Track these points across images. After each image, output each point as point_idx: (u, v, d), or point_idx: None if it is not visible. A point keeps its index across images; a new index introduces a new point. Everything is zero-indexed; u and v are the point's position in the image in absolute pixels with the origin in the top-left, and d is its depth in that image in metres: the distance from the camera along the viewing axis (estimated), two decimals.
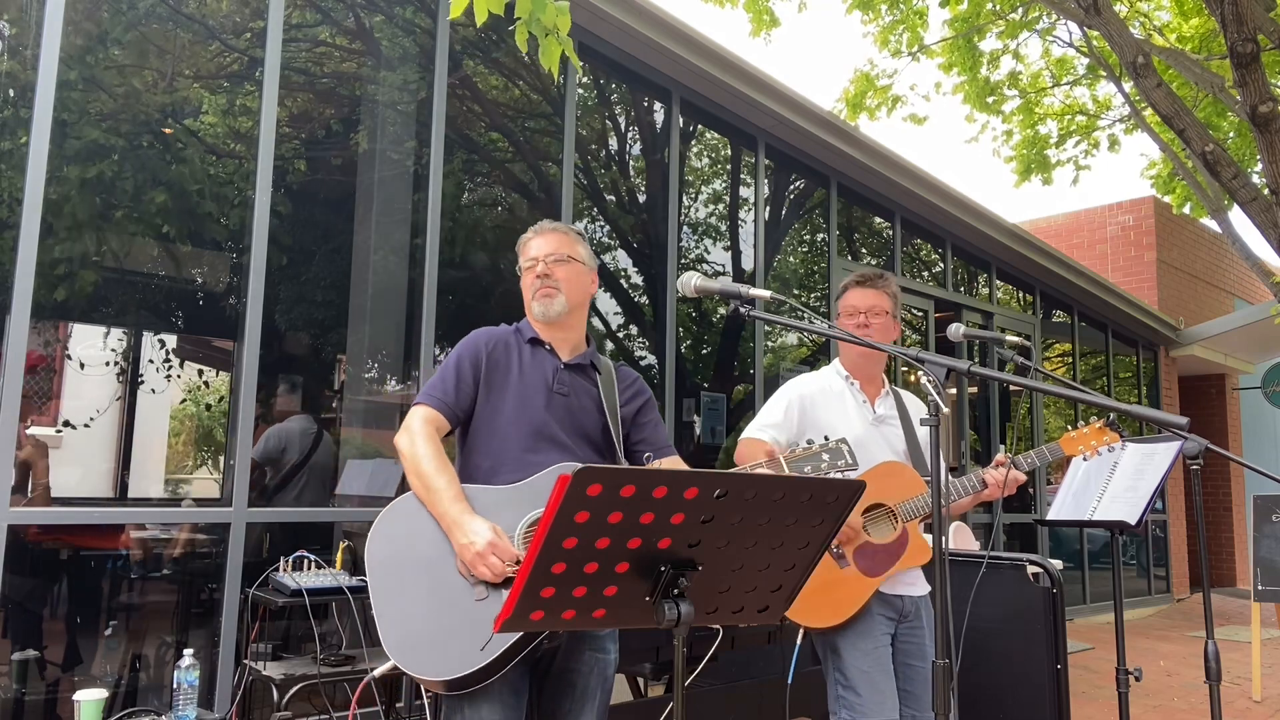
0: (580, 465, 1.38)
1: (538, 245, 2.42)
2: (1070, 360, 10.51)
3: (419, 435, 2.19)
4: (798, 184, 7.10)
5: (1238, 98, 4.90)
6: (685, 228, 6.10)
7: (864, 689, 2.59)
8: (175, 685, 2.80)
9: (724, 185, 6.58)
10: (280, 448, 4.01)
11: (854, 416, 2.81)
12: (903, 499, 2.72)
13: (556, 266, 2.36)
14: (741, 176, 6.58)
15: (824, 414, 2.79)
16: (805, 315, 3.85)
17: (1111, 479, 3.30)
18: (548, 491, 2.08)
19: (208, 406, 4.32)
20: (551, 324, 2.38)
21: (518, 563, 2.05)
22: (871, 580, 2.67)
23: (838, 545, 2.66)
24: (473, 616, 2.01)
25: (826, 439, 2.40)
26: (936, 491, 1.85)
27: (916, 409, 2.95)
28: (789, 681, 2.71)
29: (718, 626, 3.07)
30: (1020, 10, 8.35)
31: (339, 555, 3.56)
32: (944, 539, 1.84)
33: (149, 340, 4.07)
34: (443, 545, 2.07)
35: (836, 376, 2.90)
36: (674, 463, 2.44)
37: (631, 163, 5.99)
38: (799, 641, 2.70)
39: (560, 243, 2.40)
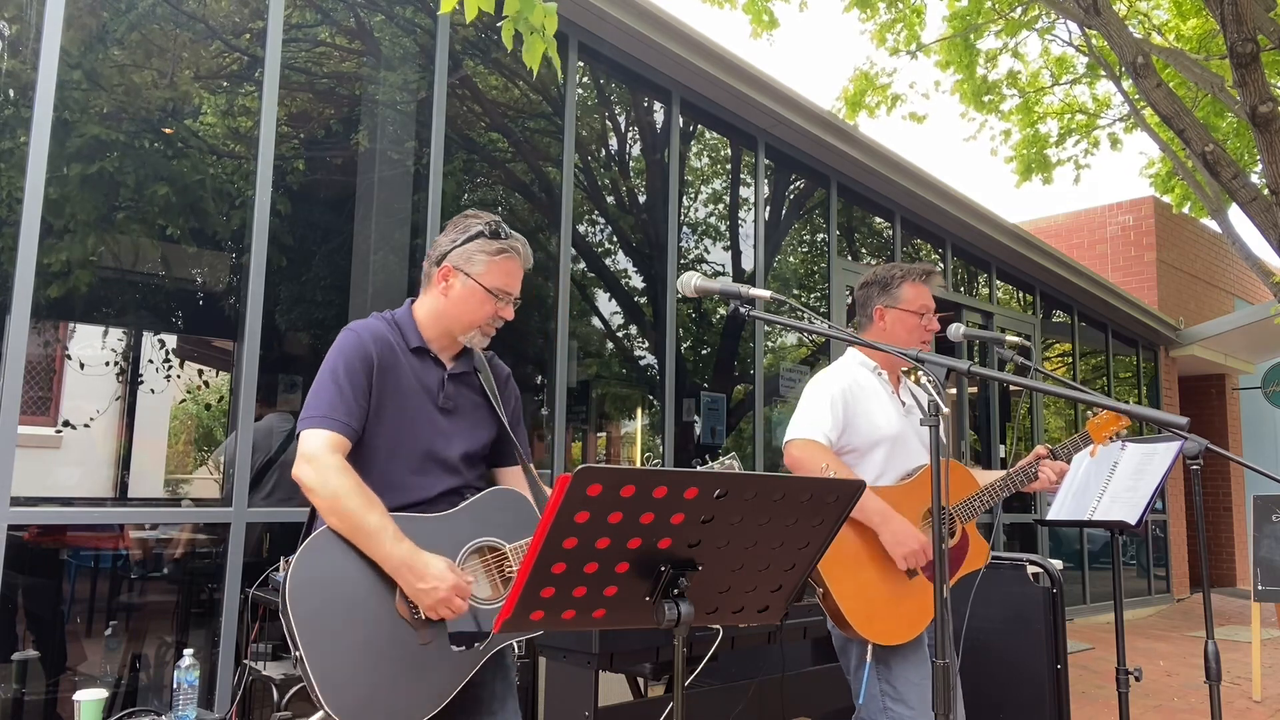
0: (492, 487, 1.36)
1: (519, 279, 2.16)
2: (1070, 360, 10.52)
3: (330, 468, 1.91)
4: (798, 184, 7.10)
5: (1237, 98, 4.90)
6: (685, 228, 6.10)
7: (915, 701, 2.50)
8: (175, 685, 2.80)
9: (724, 185, 6.58)
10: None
11: (891, 409, 2.76)
12: (958, 499, 2.66)
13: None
14: (741, 176, 6.58)
15: (864, 408, 2.72)
16: (805, 315, 3.84)
17: (1111, 479, 3.30)
18: (484, 517, 2.06)
19: (208, 406, 4.31)
20: (448, 334, 2.14)
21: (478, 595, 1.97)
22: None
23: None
24: (420, 664, 1.89)
25: (720, 458, 2.31)
26: (936, 493, 1.85)
27: (921, 399, 2.95)
28: (859, 702, 2.57)
29: (718, 626, 3.07)
30: (1020, 9, 8.35)
31: None
32: (943, 540, 1.84)
33: (149, 340, 4.07)
34: (372, 588, 1.89)
35: (864, 369, 2.81)
36: (516, 473, 2.25)
37: (631, 163, 5.99)
38: (869, 660, 2.54)
39: None
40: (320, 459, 1.92)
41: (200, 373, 4.24)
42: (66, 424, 3.97)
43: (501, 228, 2.15)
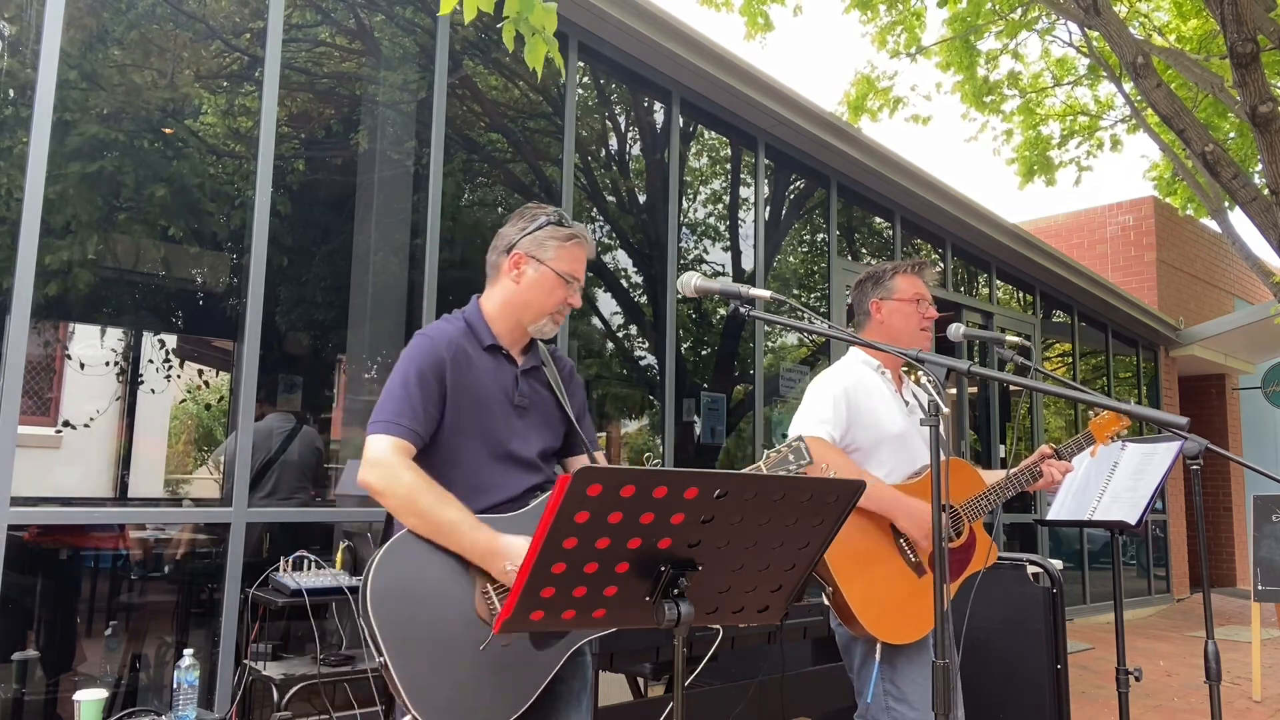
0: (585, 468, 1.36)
1: (584, 266, 2.16)
2: (1070, 360, 10.51)
3: (399, 467, 1.90)
4: (798, 184, 7.10)
5: (1238, 98, 4.90)
6: (685, 228, 6.10)
7: (919, 701, 2.49)
8: (175, 685, 2.80)
9: (724, 185, 6.58)
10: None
11: (894, 408, 2.75)
12: (964, 498, 2.66)
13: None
14: (741, 176, 6.58)
15: (868, 406, 2.70)
16: (805, 315, 3.84)
17: (1111, 479, 3.30)
18: None
19: (208, 406, 4.32)
20: (519, 325, 2.14)
21: None
22: (949, 588, 2.62)
23: (914, 554, 2.59)
24: (502, 665, 1.89)
25: (786, 439, 2.27)
26: (936, 493, 1.85)
27: (922, 398, 2.95)
28: (868, 702, 2.56)
29: (718, 626, 3.07)
30: (1020, 10, 8.35)
31: (339, 555, 3.56)
32: (948, 539, 1.84)
33: (149, 340, 4.07)
34: (451, 591, 1.89)
35: (866, 368, 2.80)
36: (598, 457, 2.29)
37: (631, 163, 5.99)
38: (878, 660, 2.54)
39: None
40: (386, 461, 1.91)
41: (200, 373, 4.25)
42: (66, 424, 3.98)
43: (565, 217, 2.17)
